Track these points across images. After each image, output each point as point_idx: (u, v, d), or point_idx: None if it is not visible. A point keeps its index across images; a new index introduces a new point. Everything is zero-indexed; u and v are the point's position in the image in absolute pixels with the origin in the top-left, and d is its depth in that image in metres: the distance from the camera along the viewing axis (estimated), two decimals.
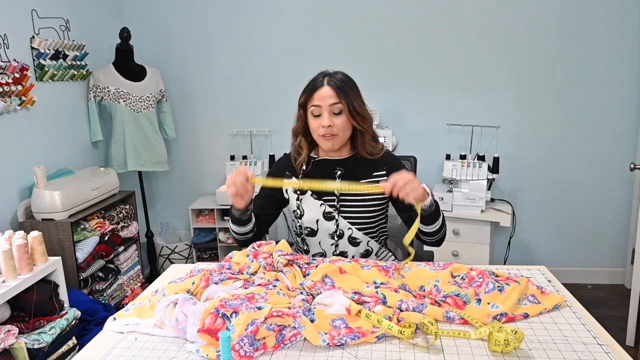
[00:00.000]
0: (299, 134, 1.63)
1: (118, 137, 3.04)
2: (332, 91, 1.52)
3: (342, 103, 1.52)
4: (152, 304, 1.21)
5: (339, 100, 1.52)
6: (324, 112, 1.52)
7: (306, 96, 1.56)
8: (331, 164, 1.63)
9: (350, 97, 1.53)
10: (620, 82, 3.00)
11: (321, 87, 1.53)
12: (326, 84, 1.53)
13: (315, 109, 1.53)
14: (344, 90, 1.53)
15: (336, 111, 1.52)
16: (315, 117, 1.54)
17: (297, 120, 1.63)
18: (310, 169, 1.64)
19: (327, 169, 1.63)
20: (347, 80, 1.57)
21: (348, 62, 3.20)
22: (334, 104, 1.52)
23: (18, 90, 2.37)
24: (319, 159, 1.65)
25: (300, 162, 1.63)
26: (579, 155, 3.13)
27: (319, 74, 1.58)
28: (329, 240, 1.61)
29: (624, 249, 3.19)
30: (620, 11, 2.92)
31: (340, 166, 1.62)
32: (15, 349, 1.75)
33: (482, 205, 2.83)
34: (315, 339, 1.04)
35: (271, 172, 1.78)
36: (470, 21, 3.07)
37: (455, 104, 3.17)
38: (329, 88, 1.52)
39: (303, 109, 1.59)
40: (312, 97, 1.54)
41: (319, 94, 1.53)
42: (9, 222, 2.39)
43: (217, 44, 3.33)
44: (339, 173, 1.61)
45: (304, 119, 1.60)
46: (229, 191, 1.48)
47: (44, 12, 2.63)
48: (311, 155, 1.66)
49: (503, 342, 0.99)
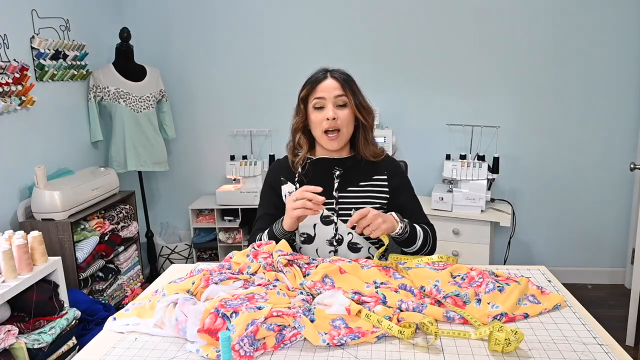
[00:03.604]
0: (298, 130, 1.57)
1: (118, 137, 3.04)
2: (336, 83, 1.48)
3: (347, 96, 1.48)
4: (152, 304, 1.21)
5: (344, 92, 1.48)
6: (328, 104, 1.47)
7: (308, 89, 1.51)
8: (329, 163, 1.56)
9: (355, 90, 1.50)
10: (620, 82, 3.00)
11: (325, 79, 1.49)
12: (330, 76, 1.50)
13: (319, 101, 1.48)
14: (349, 83, 1.50)
15: (340, 103, 1.48)
16: (317, 110, 1.49)
17: (297, 115, 1.56)
18: (308, 170, 1.57)
19: (325, 169, 1.56)
20: (349, 75, 1.54)
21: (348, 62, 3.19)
22: (339, 96, 1.48)
23: (18, 90, 2.37)
24: (317, 157, 1.58)
25: (298, 161, 1.56)
26: (579, 155, 3.13)
27: (319, 70, 1.55)
28: (327, 247, 1.53)
29: (624, 249, 3.19)
30: (620, 11, 2.93)
31: (339, 166, 1.55)
32: (15, 349, 1.75)
33: (482, 205, 2.83)
34: (315, 339, 1.04)
35: (268, 182, 1.66)
36: (470, 21, 3.07)
37: (455, 104, 3.17)
38: (333, 80, 1.49)
39: (304, 103, 1.53)
40: (316, 89, 1.49)
41: (323, 85, 1.48)
42: (9, 222, 2.39)
43: (217, 43, 3.33)
44: (337, 173, 1.54)
45: (305, 114, 1.54)
46: (295, 213, 1.38)
47: (44, 12, 2.63)
48: (308, 156, 1.58)
49: (504, 342, 0.99)
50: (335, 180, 1.54)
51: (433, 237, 1.55)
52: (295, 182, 1.57)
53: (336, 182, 1.54)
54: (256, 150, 3.38)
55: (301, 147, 1.57)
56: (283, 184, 1.60)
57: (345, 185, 1.54)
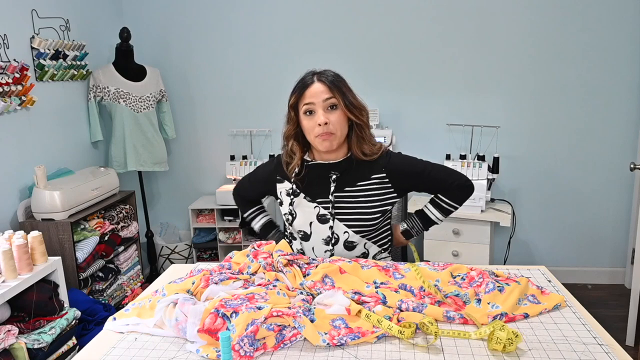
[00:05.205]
0: (290, 138, 1.53)
1: (118, 137, 3.05)
2: (324, 86, 1.45)
3: (336, 97, 1.44)
4: (152, 304, 1.21)
5: (332, 94, 1.44)
6: (317, 109, 1.45)
7: (297, 95, 1.48)
8: (325, 168, 1.53)
9: (344, 90, 1.47)
10: (620, 82, 3.00)
11: (312, 84, 1.46)
12: (317, 80, 1.46)
13: (308, 107, 1.45)
14: (337, 84, 1.46)
15: (330, 105, 1.45)
16: (308, 116, 1.46)
17: (288, 123, 1.53)
18: (304, 174, 1.54)
19: (322, 174, 1.53)
20: (337, 75, 1.50)
21: (348, 62, 3.22)
22: (327, 99, 1.44)
23: (18, 90, 2.37)
24: (312, 163, 1.55)
25: (293, 167, 1.54)
26: (579, 155, 3.13)
27: (306, 73, 1.51)
28: (323, 246, 1.53)
29: (624, 249, 3.19)
30: (620, 11, 2.92)
31: (335, 170, 1.52)
32: (15, 349, 1.75)
33: (482, 205, 2.83)
34: (315, 339, 1.04)
35: (258, 175, 1.71)
36: (471, 21, 3.07)
37: (455, 104, 3.17)
38: (321, 84, 1.45)
39: (294, 110, 1.50)
40: (304, 95, 1.46)
41: (311, 91, 1.45)
42: (9, 222, 2.39)
43: (217, 44, 3.33)
44: (333, 177, 1.51)
45: (296, 121, 1.51)
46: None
47: (44, 12, 2.63)
48: (305, 158, 1.56)
49: (506, 341, 0.98)
50: (331, 183, 1.52)
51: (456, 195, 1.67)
52: (291, 181, 1.56)
53: (332, 186, 1.51)
54: (256, 150, 3.38)
55: (294, 154, 1.54)
56: (279, 183, 1.61)
57: (343, 186, 1.52)
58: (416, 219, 1.70)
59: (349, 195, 1.51)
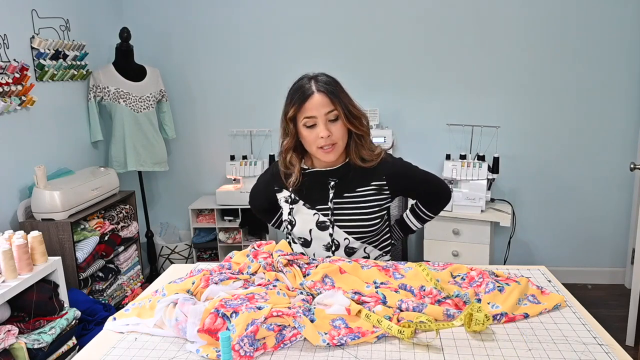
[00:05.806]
0: (289, 150, 1.50)
1: (118, 137, 3.04)
2: (325, 98, 1.40)
3: (337, 110, 1.41)
4: (152, 304, 1.21)
5: (334, 107, 1.41)
6: (319, 122, 1.41)
7: (296, 108, 1.42)
8: (324, 174, 1.52)
9: (344, 100, 1.43)
10: (620, 82, 3.00)
11: (312, 96, 1.41)
12: (316, 90, 1.41)
13: (309, 120, 1.41)
14: (336, 94, 1.42)
15: (332, 118, 1.42)
16: (308, 128, 1.43)
17: (287, 136, 1.48)
18: (302, 182, 1.53)
19: (320, 180, 1.52)
20: (333, 81, 1.46)
21: (349, 62, 3.23)
22: (329, 112, 1.41)
23: (18, 90, 2.37)
24: (310, 170, 1.54)
25: (294, 180, 1.51)
26: (579, 155, 3.13)
27: (301, 80, 1.47)
28: (324, 252, 1.53)
29: (624, 249, 3.19)
30: (620, 11, 2.92)
31: (333, 176, 1.51)
32: (15, 349, 1.75)
33: (482, 205, 2.83)
34: (315, 339, 1.04)
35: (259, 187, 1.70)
36: (471, 21, 3.07)
37: (455, 104, 3.17)
38: (321, 95, 1.40)
39: (292, 122, 1.45)
40: (304, 107, 1.41)
41: (311, 103, 1.40)
42: (9, 222, 2.39)
43: (217, 44, 3.33)
44: (332, 183, 1.50)
45: (295, 133, 1.46)
46: None
47: (44, 12, 2.63)
48: (302, 166, 1.54)
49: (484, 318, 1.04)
50: (330, 190, 1.51)
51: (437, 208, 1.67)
52: (289, 191, 1.55)
53: (331, 192, 1.50)
54: (256, 150, 3.38)
55: (293, 166, 1.51)
56: (278, 192, 1.61)
57: (341, 193, 1.51)
58: (396, 227, 1.75)
59: (348, 202, 1.51)
